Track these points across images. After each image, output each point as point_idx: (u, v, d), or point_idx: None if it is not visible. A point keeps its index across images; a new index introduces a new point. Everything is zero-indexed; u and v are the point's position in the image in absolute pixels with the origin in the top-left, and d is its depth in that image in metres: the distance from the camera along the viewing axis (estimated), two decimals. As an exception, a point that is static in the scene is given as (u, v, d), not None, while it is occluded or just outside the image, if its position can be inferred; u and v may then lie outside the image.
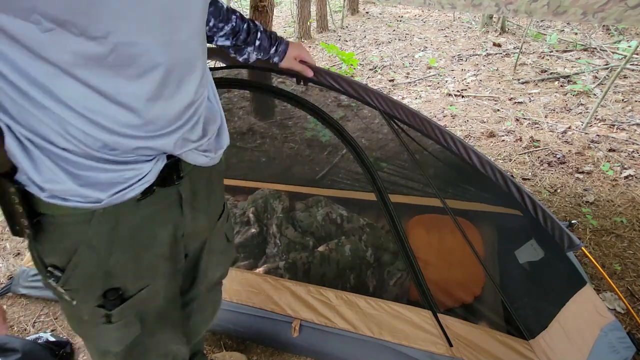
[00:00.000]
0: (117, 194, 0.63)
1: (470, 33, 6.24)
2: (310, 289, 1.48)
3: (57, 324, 1.73)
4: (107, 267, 0.69)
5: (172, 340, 0.90)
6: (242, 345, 1.61)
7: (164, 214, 0.74)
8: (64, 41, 0.51)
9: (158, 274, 0.78)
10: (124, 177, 0.63)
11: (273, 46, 1.06)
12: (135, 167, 0.64)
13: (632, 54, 3.17)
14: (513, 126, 3.36)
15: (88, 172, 0.60)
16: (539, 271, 1.34)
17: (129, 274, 0.72)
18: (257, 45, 1.03)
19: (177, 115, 0.68)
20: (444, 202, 1.26)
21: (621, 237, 2.10)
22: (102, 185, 0.61)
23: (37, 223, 0.63)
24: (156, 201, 0.70)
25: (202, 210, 0.84)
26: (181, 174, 0.73)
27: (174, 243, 0.78)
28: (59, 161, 0.59)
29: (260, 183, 2.22)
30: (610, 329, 1.27)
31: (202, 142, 0.75)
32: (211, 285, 1.05)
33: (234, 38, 1.00)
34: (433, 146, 1.24)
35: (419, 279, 1.32)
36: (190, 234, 0.83)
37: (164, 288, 0.81)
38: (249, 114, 2.39)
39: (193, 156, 0.75)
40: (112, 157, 0.61)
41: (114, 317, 0.72)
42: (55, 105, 0.55)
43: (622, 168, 2.68)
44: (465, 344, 1.27)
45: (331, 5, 7.94)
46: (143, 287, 0.75)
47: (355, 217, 1.90)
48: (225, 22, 0.97)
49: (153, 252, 0.74)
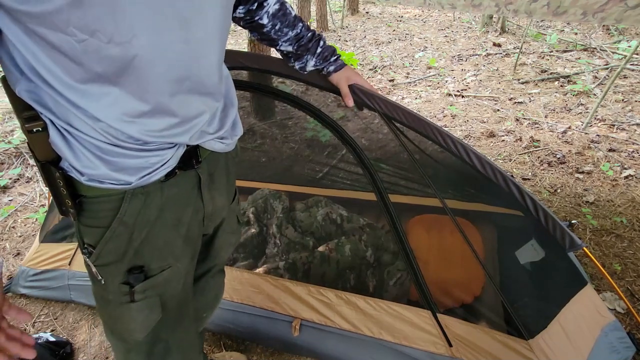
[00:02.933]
0: (144, 177, 0.71)
1: (470, 33, 6.24)
2: (310, 289, 1.48)
3: (57, 324, 1.73)
4: (135, 244, 0.76)
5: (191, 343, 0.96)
6: (242, 345, 1.61)
7: (186, 196, 0.81)
8: (96, 49, 0.57)
9: (178, 255, 0.84)
10: (150, 162, 0.71)
11: (333, 56, 1.09)
12: (159, 153, 0.72)
13: (632, 54, 3.17)
14: (513, 126, 3.36)
15: (118, 159, 0.68)
16: (539, 271, 1.34)
17: (154, 252, 0.79)
18: (317, 53, 1.07)
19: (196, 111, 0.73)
20: (443, 202, 1.26)
21: (621, 237, 2.10)
22: (131, 169, 0.70)
23: (79, 204, 0.72)
24: (178, 183, 0.78)
25: (220, 192, 0.92)
26: (200, 159, 0.81)
27: (194, 226, 0.85)
28: (94, 149, 0.67)
29: (260, 183, 2.22)
30: (610, 329, 1.27)
31: (219, 134, 0.82)
32: (217, 271, 1.13)
33: (297, 43, 1.04)
34: (433, 147, 1.24)
35: (419, 279, 1.32)
36: (210, 214, 0.90)
37: (184, 273, 0.87)
38: (249, 114, 2.39)
39: (210, 143, 0.82)
40: (138, 146, 0.69)
41: (137, 295, 0.79)
42: (88, 104, 0.62)
43: (622, 168, 2.68)
44: (465, 344, 1.27)
45: (331, 5, 7.94)
46: (165, 268, 0.81)
47: (355, 217, 1.90)
48: (291, 29, 1.01)
49: (176, 232, 0.81)
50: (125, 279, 0.78)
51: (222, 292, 1.22)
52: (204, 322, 1.19)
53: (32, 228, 2.39)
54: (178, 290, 0.87)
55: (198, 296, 1.08)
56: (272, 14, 0.98)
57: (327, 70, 1.11)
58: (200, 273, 1.07)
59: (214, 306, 1.20)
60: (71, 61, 0.57)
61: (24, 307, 1.81)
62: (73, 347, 1.62)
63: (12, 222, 2.44)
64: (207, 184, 0.85)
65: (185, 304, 0.91)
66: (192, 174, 0.81)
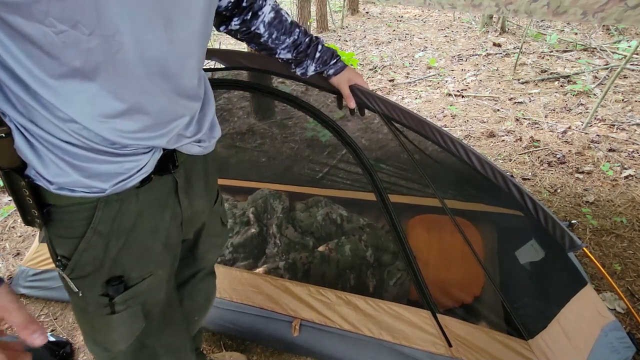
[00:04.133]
0: (119, 184, 0.68)
1: (470, 33, 6.23)
2: (310, 289, 1.48)
3: (57, 324, 1.73)
4: (112, 254, 0.73)
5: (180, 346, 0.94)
6: (242, 345, 1.61)
7: (162, 201, 0.78)
8: (76, 42, 0.54)
9: (159, 262, 0.82)
10: (125, 168, 0.68)
11: (333, 59, 1.08)
12: (134, 158, 0.69)
13: (632, 54, 3.17)
14: (513, 126, 3.36)
15: (90, 164, 0.65)
16: (539, 271, 1.34)
17: (133, 260, 0.76)
18: (317, 58, 1.06)
19: (174, 114, 0.71)
20: (443, 202, 1.26)
21: (621, 237, 2.10)
22: (105, 176, 0.66)
23: (48, 213, 0.68)
24: (154, 188, 0.75)
25: (199, 196, 0.89)
26: (176, 163, 0.78)
27: (173, 231, 0.83)
28: (63, 155, 0.63)
29: (260, 183, 2.22)
30: (610, 329, 1.27)
31: (196, 137, 0.80)
32: (205, 274, 1.11)
33: (295, 50, 1.03)
34: (432, 147, 1.24)
35: (419, 279, 1.32)
36: (188, 218, 0.87)
37: (165, 280, 0.85)
38: (249, 114, 2.39)
39: (188, 147, 0.80)
40: (112, 150, 0.66)
41: (117, 306, 0.76)
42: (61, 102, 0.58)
43: (622, 168, 2.68)
44: (465, 344, 1.27)
45: (331, 5, 7.94)
46: (145, 277, 0.79)
47: (355, 217, 1.90)
48: (288, 35, 1.01)
49: (154, 239, 0.79)
50: (105, 290, 0.74)
51: (213, 293, 1.21)
52: (197, 325, 1.18)
53: (32, 228, 2.38)
54: (160, 297, 0.85)
55: (188, 301, 1.07)
56: (268, 23, 0.96)
57: (327, 74, 1.11)
58: (187, 277, 1.05)
59: (206, 308, 1.18)
60: (46, 54, 0.53)
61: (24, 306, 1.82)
62: (73, 347, 1.62)
63: (12, 222, 2.44)
64: (185, 188, 0.82)
65: (169, 310, 0.89)
66: (168, 179, 0.78)
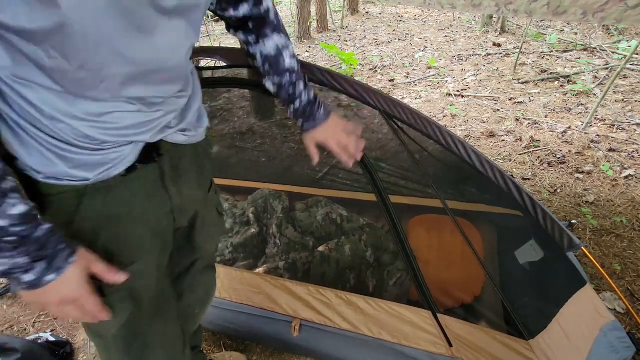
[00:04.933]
0: (103, 173, 0.71)
1: (470, 33, 6.23)
2: (310, 289, 1.48)
3: (57, 324, 1.73)
4: (100, 240, 0.75)
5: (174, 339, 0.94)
6: (242, 345, 1.61)
7: (149, 189, 0.80)
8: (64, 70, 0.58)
9: (147, 249, 0.83)
10: (109, 158, 0.71)
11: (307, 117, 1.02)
12: (118, 149, 0.71)
13: (632, 54, 3.17)
14: (513, 126, 3.37)
15: (76, 156, 0.68)
16: (538, 271, 1.34)
17: (120, 246, 0.78)
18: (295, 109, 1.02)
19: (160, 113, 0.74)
20: (444, 202, 1.26)
21: (621, 237, 2.10)
22: (89, 166, 0.69)
23: (41, 203, 0.70)
24: (140, 176, 0.77)
25: (189, 185, 0.90)
26: (161, 152, 0.80)
27: (162, 219, 0.84)
28: (49, 146, 0.65)
29: (260, 183, 2.22)
30: (610, 329, 1.27)
31: (179, 127, 0.81)
32: (204, 266, 1.12)
33: (277, 92, 1.00)
34: (433, 146, 1.24)
35: (419, 279, 1.32)
36: (179, 207, 0.88)
37: (154, 266, 0.86)
38: (249, 114, 2.39)
39: (172, 136, 0.81)
40: (95, 146, 0.69)
41: (105, 289, 0.76)
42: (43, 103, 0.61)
43: (622, 168, 2.68)
44: (465, 344, 1.27)
45: (331, 5, 7.94)
46: (133, 262, 0.80)
47: (355, 217, 1.90)
48: (278, 75, 0.98)
49: (142, 226, 0.80)
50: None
51: (213, 288, 1.22)
52: (197, 319, 1.19)
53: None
54: (151, 283, 0.86)
55: (189, 293, 1.09)
56: (265, 55, 0.95)
57: (298, 124, 1.06)
58: (186, 266, 1.07)
59: (205, 302, 1.19)
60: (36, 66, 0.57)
61: (24, 307, 1.82)
62: (73, 347, 1.62)
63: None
64: (172, 176, 0.84)
65: (163, 300, 0.90)
66: (154, 167, 0.80)
